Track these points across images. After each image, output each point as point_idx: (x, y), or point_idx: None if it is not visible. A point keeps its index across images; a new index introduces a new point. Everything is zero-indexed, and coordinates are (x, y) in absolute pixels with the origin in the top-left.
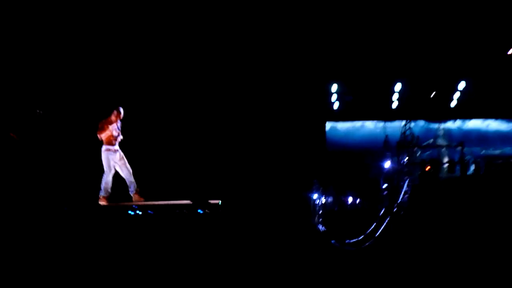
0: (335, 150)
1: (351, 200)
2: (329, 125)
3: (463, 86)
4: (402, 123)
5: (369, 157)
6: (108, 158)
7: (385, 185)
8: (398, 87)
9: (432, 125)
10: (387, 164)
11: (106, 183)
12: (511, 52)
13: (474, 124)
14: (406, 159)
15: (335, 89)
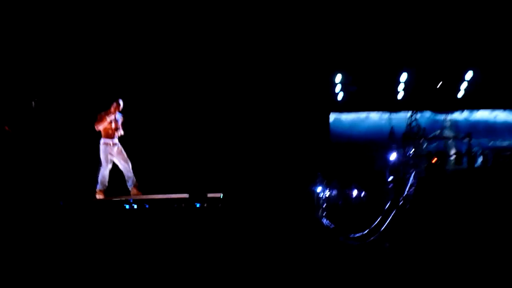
0: (339, 142)
1: (355, 193)
2: (333, 117)
3: (470, 76)
4: (408, 114)
5: (374, 149)
6: (105, 151)
7: (390, 178)
8: (404, 77)
9: (438, 116)
10: (393, 156)
11: (103, 176)
12: None
13: (481, 115)
14: (412, 151)
15: (339, 79)
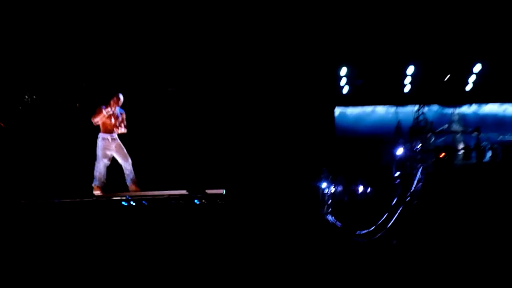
0: (344, 136)
1: (361, 189)
2: (338, 110)
3: (479, 68)
4: (415, 108)
5: (380, 144)
6: (104, 146)
7: (397, 173)
8: (410, 70)
9: (446, 110)
10: (399, 151)
11: (99, 172)
12: None
13: (490, 108)
14: (419, 145)
15: (344, 73)
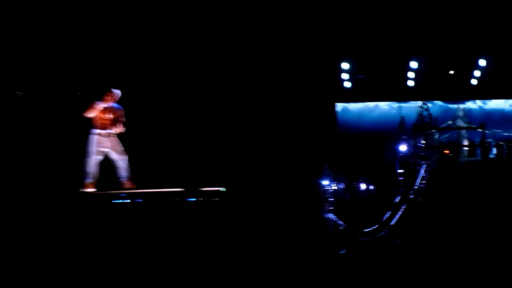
0: (347, 132)
1: (364, 186)
2: (340, 106)
3: (484, 63)
4: (418, 103)
5: (384, 140)
6: (97, 142)
7: (400, 170)
8: (414, 64)
9: (451, 106)
10: (403, 147)
11: (91, 168)
12: None
13: (496, 104)
14: (423, 142)
15: (347, 67)
